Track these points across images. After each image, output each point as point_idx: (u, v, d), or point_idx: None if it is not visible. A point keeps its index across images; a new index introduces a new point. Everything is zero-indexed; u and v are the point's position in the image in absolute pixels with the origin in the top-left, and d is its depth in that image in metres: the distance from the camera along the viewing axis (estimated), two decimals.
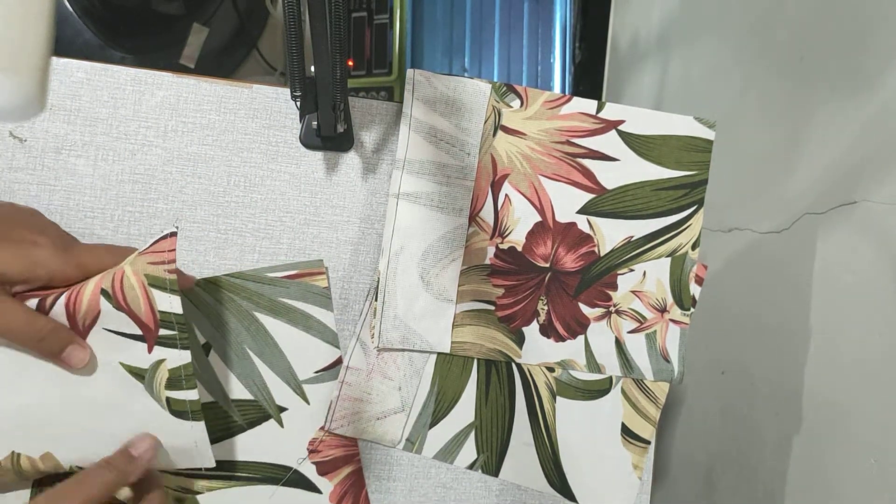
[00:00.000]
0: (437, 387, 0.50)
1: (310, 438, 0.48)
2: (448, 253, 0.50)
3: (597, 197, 0.53)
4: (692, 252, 0.55)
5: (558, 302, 0.52)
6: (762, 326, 0.66)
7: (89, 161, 0.46)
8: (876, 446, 0.52)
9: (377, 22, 0.95)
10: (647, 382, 0.54)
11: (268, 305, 0.47)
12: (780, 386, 0.62)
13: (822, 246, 0.59)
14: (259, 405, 0.47)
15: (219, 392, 0.46)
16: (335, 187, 0.49)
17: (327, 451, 0.48)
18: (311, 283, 0.48)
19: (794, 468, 0.60)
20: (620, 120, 0.53)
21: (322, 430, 0.48)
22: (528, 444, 0.52)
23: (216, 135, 0.47)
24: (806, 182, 0.62)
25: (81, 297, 0.37)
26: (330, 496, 0.48)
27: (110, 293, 0.37)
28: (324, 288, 0.48)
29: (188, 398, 0.39)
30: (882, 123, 0.55)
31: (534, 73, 1.01)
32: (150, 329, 0.38)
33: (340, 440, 0.49)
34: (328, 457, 0.48)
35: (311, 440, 0.48)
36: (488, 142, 0.51)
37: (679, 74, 0.90)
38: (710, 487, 0.70)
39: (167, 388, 0.39)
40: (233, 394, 0.47)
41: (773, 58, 0.70)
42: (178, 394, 0.39)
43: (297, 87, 0.43)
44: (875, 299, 0.53)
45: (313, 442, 0.48)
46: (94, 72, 0.46)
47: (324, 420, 0.48)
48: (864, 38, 0.58)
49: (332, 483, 0.48)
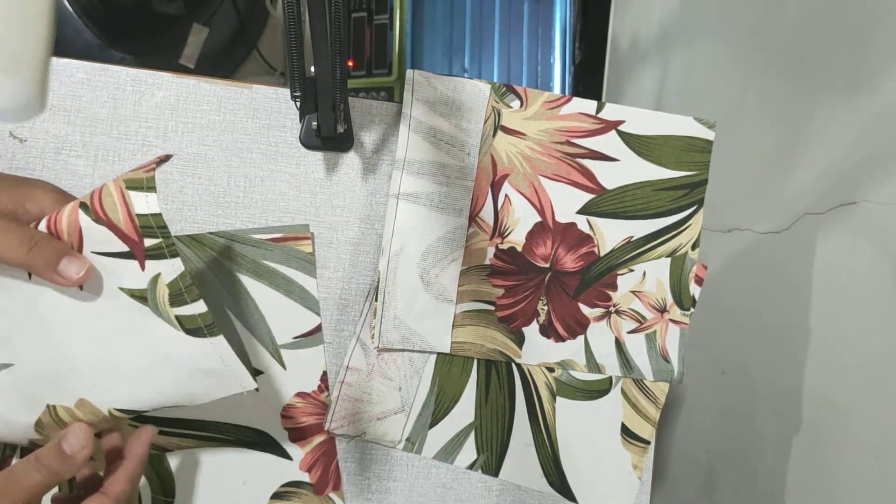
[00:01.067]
0: (437, 387, 0.50)
1: (284, 404, 0.48)
2: (448, 253, 0.50)
3: (597, 197, 0.53)
4: (692, 252, 0.55)
5: (558, 302, 0.52)
6: (762, 326, 0.66)
7: (89, 161, 0.46)
8: (876, 446, 0.52)
9: (377, 22, 0.95)
10: (646, 382, 0.54)
11: (250, 267, 0.47)
12: (780, 386, 0.62)
13: (821, 246, 0.59)
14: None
15: None
16: (335, 187, 0.49)
17: (300, 418, 0.48)
18: (296, 247, 0.48)
19: (794, 468, 0.60)
20: (620, 120, 0.53)
21: (297, 397, 0.48)
22: (528, 444, 0.52)
23: (216, 135, 0.47)
24: (806, 182, 0.62)
25: (61, 216, 0.35)
26: (300, 464, 0.48)
27: (88, 206, 0.35)
28: (308, 253, 0.48)
29: (197, 312, 0.36)
30: (882, 123, 0.55)
31: (534, 73, 1.01)
32: (135, 241, 0.35)
33: (315, 408, 0.48)
34: (301, 424, 0.48)
35: (285, 406, 0.48)
36: (488, 142, 0.51)
37: (679, 75, 0.90)
38: (710, 487, 0.70)
39: (172, 305, 0.36)
40: None
41: (773, 58, 0.70)
42: (185, 309, 0.36)
43: (297, 88, 0.43)
44: (875, 299, 0.53)
45: (287, 408, 0.48)
46: (93, 72, 0.46)
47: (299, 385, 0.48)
48: (864, 38, 0.58)
49: (304, 451, 0.48)
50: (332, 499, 0.48)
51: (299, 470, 0.48)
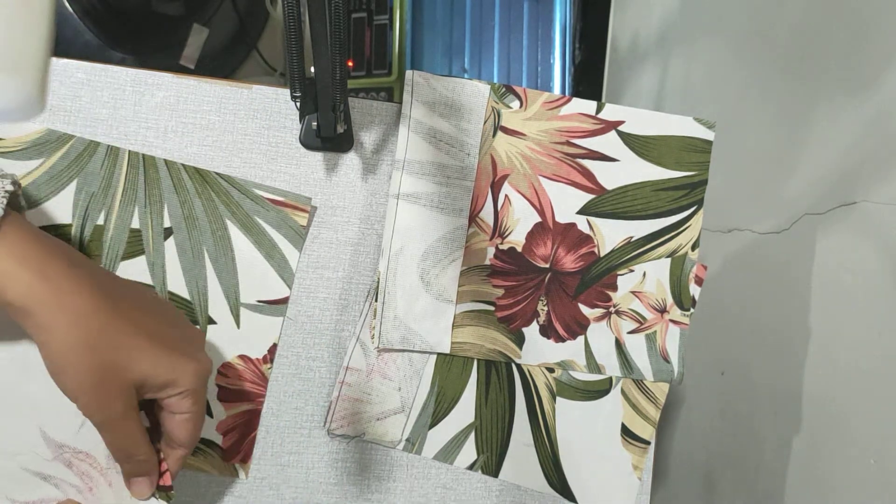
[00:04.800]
0: (436, 387, 0.50)
1: (225, 360, 0.47)
2: (448, 253, 0.50)
3: (596, 197, 0.53)
4: (692, 252, 0.55)
5: (558, 302, 0.52)
6: (762, 327, 0.66)
7: None
8: (875, 446, 0.52)
9: (377, 22, 0.95)
10: (646, 383, 0.54)
11: (242, 218, 0.47)
12: (780, 386, 0.62)
13: (821, 246, 0.59)
14: (192, 307, 0.46)
15: (160, 278, 0.46)
16: (335, 188, 0.49)
17: (235, 381, 0.47)
18: (291, 215, 0.48)
19: (793, 468, 0.60)
20: (620, 120, 0.53)
21: (240, 359, 0.47)
22: (527, 444, 0.52)
23: (216, 135, 0.48)
24: (806, 182, 0.62)
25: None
26: (218, 425, 0.47)
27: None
28: (301, 225, 0.48)
29: None
30: (882, 123, 0.55)
31: (534, 73, 1.01)
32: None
33: (253, 376, 0.48)
34: (234, 386, 0.47)
35: (225, 363, 0.47)
36: (488, 142, 0.51)
37: (679, 75, 0.90)
38: (710, 487, 0.70)
39: None
40: (171, 286, 0.46)
41: (773, 58, 0.70)
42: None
43: (296, 88, 0.43)
44: (874, 300, 0.53)
45: (226, 365, 0.47)
46: (94, 72, 0.46)
47: (246, 349, 0.47)
48: (864, 38, 0.58)
49: (227, 413, 0.47)
50: (237, 469, 0.47)
51: (215, 430, 0.47)
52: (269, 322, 0.48)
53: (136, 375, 0.34)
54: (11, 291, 0.32)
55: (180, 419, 0.37)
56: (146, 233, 0.46)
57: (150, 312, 0.37)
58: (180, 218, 0.46)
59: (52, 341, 0.32)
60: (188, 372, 0.36)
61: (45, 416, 0.41)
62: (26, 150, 0.44)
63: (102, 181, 0.45)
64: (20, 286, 0.32)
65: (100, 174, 0.45)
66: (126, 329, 0.34)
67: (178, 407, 0.36)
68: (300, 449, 0.49)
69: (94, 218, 0.45)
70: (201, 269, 0.47)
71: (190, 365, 0.36)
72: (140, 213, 0.45)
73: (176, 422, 0.37)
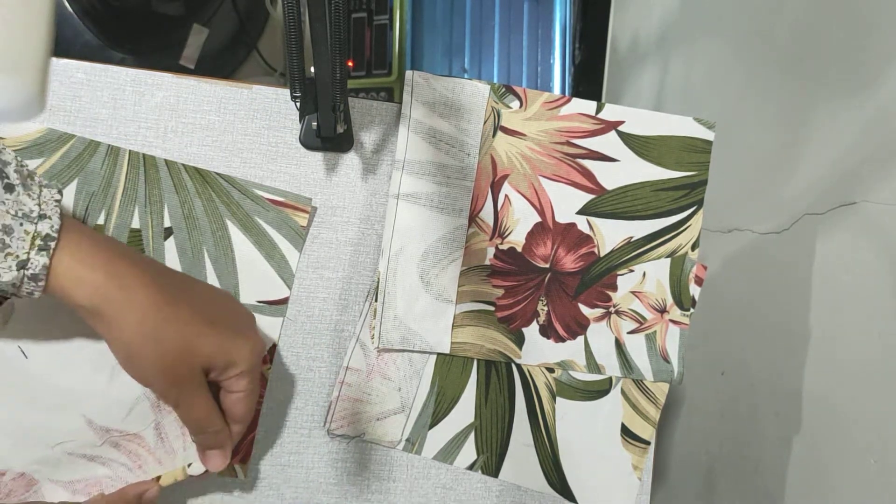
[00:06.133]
0: (436, 387, 0.50)
1: None
2: (448, 254, 0.50)
3: (596, 197, 0.53)
4: (692, 253, 0.55)
5: (558, 302, 0.52)
6: (762, 327, 0.66)
7: None
8: (875, 446, 0.52)
9: (377, 22, 0.95)
10: (646, 383, 0.54)
11: (242, 218, 0.47)
12: (780, 386, 0.62)
13: (822, 246, 0.59)
14: None
15: None
16: (335, 188, 0.49)
17: None
18: (291, 216, 0.48)
19: (793, 468, 0.60)
20: (620, 121, 0.53)
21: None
22: (527, 444, 0.52)
23: (216, 136, 0.48)
24: (806, 182, 0.62)
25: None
26: None
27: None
28: (301, 226, 0.48)
29: None
30: (882, 123, 0.55)
31: (534, 73, 1.01)
32: None
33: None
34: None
35: None
36: (488, 142, 0.51)
37: (679, 75, 0.90)
38: (710, 487, 0.70)
39: None
40: None
41: (773, 58, 0.70)
42: None
43: (296, 88, 0.43)
44: (875, 300, 0.53)
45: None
46: (94, 72, 0.46)
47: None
48: (864, 38, 0.58)
49: None
50: (236, 469, 0.47)
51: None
52: (269, 322, 0.48)
53: (202, 359, 0.37)
54: (81, 294, 0.34)
55: (237, 397, 0.39)
56: (146, 232, 0.46)
57: (206, 299, 0.39)
58: (180, 218, 0.46)
59: (122, 336, 0.34)
60: (246, 351, 0.38)
61: (88, 406, 0.41)
62: (26, 150, 0.44)
63: (103, 181, 0.45)
64: (89, 289, 0.34)
65: (100, 174, 0.45)
66: (188, 318, 0.36)
67: (235, 386, 0.39)
68: (300, 449, 0.49)
69: (95, 217, 0.45)
70: (201, 270, 0.46)
71: (248, 344, 0.38)
72: (140, 212, 0.45)
73: (232, 400, 0.39)
